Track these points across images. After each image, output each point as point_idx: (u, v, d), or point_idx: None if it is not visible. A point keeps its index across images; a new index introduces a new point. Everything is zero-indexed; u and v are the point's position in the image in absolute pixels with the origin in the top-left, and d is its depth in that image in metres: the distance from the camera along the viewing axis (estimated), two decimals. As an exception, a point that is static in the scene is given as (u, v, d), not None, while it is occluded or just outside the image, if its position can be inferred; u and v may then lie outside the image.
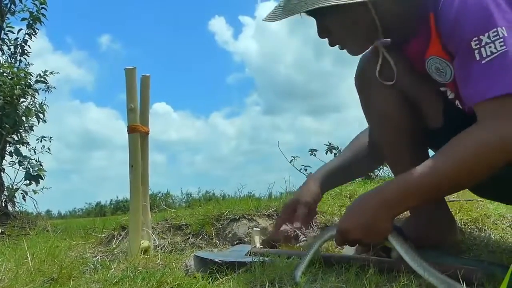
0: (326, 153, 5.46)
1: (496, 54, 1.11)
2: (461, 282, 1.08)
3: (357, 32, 1.38)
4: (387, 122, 1.47)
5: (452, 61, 1.24)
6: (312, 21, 1.44)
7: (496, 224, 1.94)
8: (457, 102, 1.38)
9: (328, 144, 5.41)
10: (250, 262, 1.32)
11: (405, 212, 1.71)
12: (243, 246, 1.73)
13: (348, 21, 1.35)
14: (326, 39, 1.42)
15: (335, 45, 1.42)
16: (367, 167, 1.81)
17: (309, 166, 5.25)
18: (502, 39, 1.10)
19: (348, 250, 1.46)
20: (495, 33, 1.11)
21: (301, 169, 5.24)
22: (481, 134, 1.12)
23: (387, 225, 1.23)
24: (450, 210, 1.72)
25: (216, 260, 1.36)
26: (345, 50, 1.44)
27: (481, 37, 1.12)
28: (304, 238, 1.96)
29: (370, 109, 1.55)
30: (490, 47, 1.11)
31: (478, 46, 1.13)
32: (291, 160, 5.15)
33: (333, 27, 1.38)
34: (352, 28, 1.37)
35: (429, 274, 1.11)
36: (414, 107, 1.45)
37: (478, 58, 1.13)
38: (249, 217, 2.09)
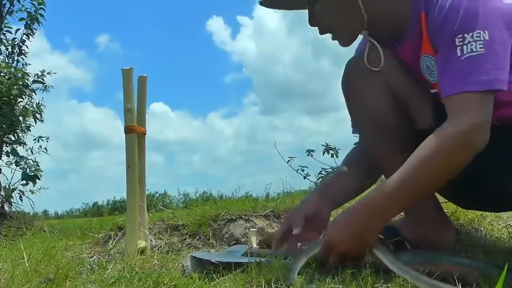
0: (323, 153, 5.46)
1: (474, 54, 1.18)
2: (457, 283, 1.08)
3: (343, 21, 1.42)
4: (378, 124, 1.47)
5: None
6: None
7: (492, 225, 1.95)
8: None
9: (325, 144, 5.41)
10: (247, 262, 1.32)
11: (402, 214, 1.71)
12: (239, 247, 1.73)
13: (335, 8, 1.40)
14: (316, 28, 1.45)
15: (324, 34, 1.46)
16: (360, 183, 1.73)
17: (306, 167, 5.26)
18: (482, 42, 1.18)
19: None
20: (478, 35, 1.18)
21: (298, 169, 5.24)
22: (447, 132, 1.19)
23: (375, 235, 1.25)
24: (447, 210, 1.73)
25: (213, 260, 1.36)
26: (336, 42, 1.47)
27: (465, 35, 1.19)
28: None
29: (359, 113, 1.54)
30: (471, 45, 1.19)
31: (461, 43, 1.20)
32: (288, 161, 5.15)
33: (321, 14, 1.42)
34: (339, 16, 1.41)
35: (421, 282, 1.12)
36: (404, 108, 1.46)
37: (459, 54, 1.20)
38: (246, 217, 2.09)
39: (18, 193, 4.49)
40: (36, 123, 4.72)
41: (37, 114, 4.68)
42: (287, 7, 1.54)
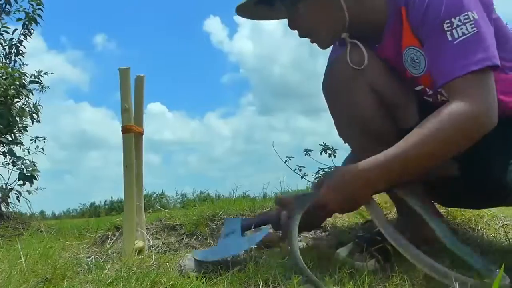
0: (321, 153, 5.45)
1: (467, 35, 1.19)
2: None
3: (325, 22, 1.42)
4: (365, 127, 1.46)
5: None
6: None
7: (489, 225, 1.95)
8: (431, 99, 1.41)
9: (323, 144, 5.40)
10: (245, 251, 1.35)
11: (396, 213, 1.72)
12: (233, 224, 1.62)
13: (317, 10, 1.40)
14: (296, 31, 1.46)
15: (304, 36, 1.46)
16: None
17: (303, 167, 5.26)
18: (473, 22, 1.19)
19: (343, 251, 1.46)
20: (466, 17, 1.20)
21: (295, 169, 5.24)
22: (455, 110, 1.18)
23: (365, 201, 1.29)
24: (444, 210, 1.73)
25: (209, 260, 1.36)
26: (315, 44, 1.47)
27: (452, 20, 1.20)
28: (299, 239, 1.96)
29: (344, 117, 1.52)
30: (461, 28, 1.20)
31: (450, 28, 1.21)
32: (286, 161, 5.15)
33: (302, 16, 1.42)
34: (320, 17, 1.41)
35: (404, 250, 1.15)
36: (389, 108, 1.46)
37: (450, 39, 1.21)
38: (244, 217, 2.09)
39: (15, 194, 4.47)
40: (33, 123, 4.70)
41: (34, 114, 4.65)
42: (263, 17, 1.54)
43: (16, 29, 4.82)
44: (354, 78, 1.43)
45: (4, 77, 4.24)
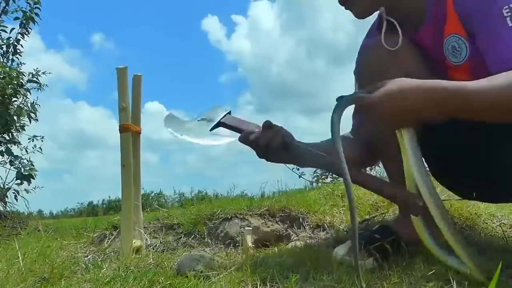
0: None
1: None
2: None
3: None
4: None
5: (469, 38, 1.28)
6: (304, 21, 1.45)
7: (487, 223, 1.96)
8: None
9: (321, 143, 5.39)
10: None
11: (395, 213, 1.72)
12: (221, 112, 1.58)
13: None
14: None
15: (343, 4, 1.44)
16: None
17: (301, 166, 5.24)
18: None
19: (341, 250, 1.46)
20: None
21: (293, 168, 5.24)
22: None
23: (412, 123, 1.20)
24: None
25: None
26: (348, 12, 1.44)
27: (511, 5, 1.17)
28: (296, 238, 1.97)
29: None
30: None
31: (509, 13, 1.18)
32: (284, 160, 5.14)
33: None
34: None
35: (426, 188, 1.16)
36: None
37: (511, 24, 1.17)
38: (241, 216, 2.09)
39: (13, 193, 4.47)
40: (30, 122, 4.70)
41: (31, 114, 4.66)
42: None
43: (13, 28, 4.82)
44: (388, 62, 1.40)
45: (1, 76, 4.24)
